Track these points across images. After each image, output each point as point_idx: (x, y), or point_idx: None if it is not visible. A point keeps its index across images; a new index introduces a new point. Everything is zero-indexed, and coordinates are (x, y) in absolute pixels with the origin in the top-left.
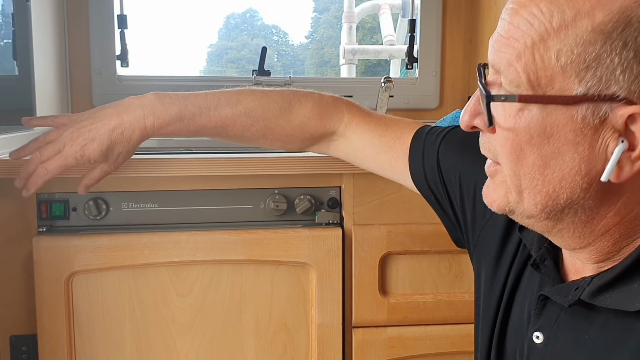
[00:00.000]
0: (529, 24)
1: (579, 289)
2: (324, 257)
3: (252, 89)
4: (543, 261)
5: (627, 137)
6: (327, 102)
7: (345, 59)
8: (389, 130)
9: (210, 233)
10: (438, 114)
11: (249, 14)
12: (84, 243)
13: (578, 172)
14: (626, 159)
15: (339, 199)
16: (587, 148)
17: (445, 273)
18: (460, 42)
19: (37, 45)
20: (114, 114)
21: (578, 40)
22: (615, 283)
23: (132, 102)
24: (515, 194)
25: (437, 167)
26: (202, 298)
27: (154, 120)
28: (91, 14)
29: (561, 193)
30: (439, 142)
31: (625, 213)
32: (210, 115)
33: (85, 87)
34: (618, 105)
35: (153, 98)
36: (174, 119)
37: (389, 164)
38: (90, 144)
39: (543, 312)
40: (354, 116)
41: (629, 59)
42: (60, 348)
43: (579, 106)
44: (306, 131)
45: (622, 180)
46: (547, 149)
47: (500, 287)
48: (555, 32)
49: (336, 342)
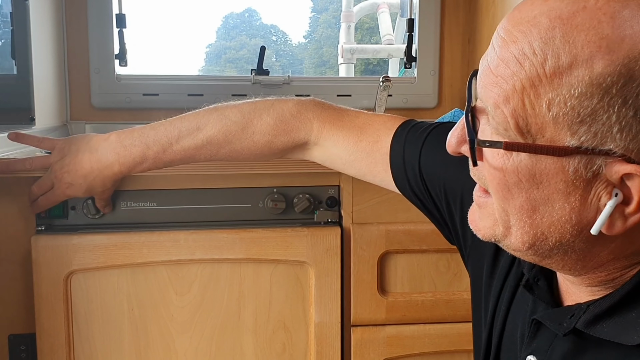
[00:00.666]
0: (519, 64)
1: (574, 316)
2: (322, 255)
3: (211, 108)
4: (536, 282)
5: (622, 190)
6: (290, 112)
7: (344, 58)
8: (364, 134)
9: (209, 232)
10: (436, 113)
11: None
12: (83, 242)
13: (568, 220)
14: (619, 212)
15: (338, 198)
16: (578, 199)
17: (444, 272)
18: (458, 42)
19: (36, 44)
20: (85, 160)
21: (572, 92)
22: (612, 312)
23: (98, 146)
24: (503, 228)
25: (420, 173)
26: (201, 297)
27: (120, 167)
28: (90, 13)
29: (550, 236)
30: (419, 147)
31: (619, 252)
32: (173, 150)
33: (84, 86)
34: (613, 160)
35: (115, 140)
36: (139, 161)
37: (368, 170)
38: (71, 187)
39: (537, 336)
40: (323, 122)
41: (628, 117)
42: (58, 347)
43: (571, 158)
44: (274, 147)
45: (614, 234)
46: (536, 194)
47: (495, 301)
48: (547, 79)
49: (335, 341)
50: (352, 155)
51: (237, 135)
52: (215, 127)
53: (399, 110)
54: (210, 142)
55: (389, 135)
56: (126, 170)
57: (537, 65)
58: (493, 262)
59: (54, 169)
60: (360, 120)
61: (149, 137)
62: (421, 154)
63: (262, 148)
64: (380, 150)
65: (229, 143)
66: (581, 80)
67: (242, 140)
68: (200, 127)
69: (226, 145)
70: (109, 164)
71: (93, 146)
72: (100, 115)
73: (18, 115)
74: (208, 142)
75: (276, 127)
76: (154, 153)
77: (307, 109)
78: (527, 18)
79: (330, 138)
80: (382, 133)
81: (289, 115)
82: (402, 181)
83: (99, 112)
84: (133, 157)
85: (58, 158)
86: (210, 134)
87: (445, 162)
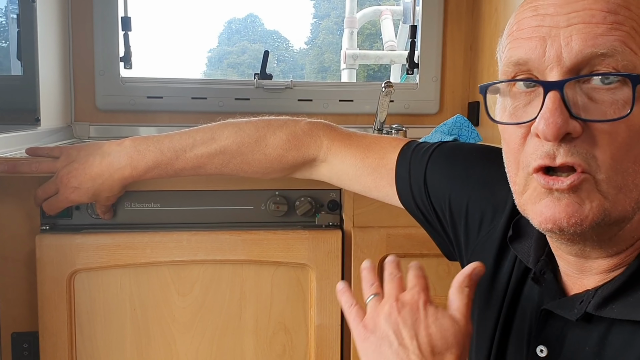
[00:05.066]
0: (627, 9)
1: (584, 302)
2: (323, 258)
3: (226, 122)
4: (542, 274)
5: None
6: (303, 130)
7: (346, 63)
8: (370, 151)
9: (211, 233)
10: (438, 119)
11: (250, 19)
12: (87, 241)
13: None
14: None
15: (339, 202)
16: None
17: (444, 276)
18: (460, 49)
19: (42, 45)
20: (96, 163)
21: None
22: (620, 293)
23: (111, 150)
24: (612, 197)
25: (425, 187)
26: (203, 297)
27: (132, 170)
28: (95, 16)
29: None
30: (425, 161)
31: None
32: (186, 157)
33: (89, 88)
34: None
35: (130, 145)
36: (151, 167)
37: (374, 185)
38: (77, 190)
39: (546, 326)
40: (333, 141)
41: None
42: (61, 345)
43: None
44: (284, 162)
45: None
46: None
47: (499, 304)
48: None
49: (335, 343)
50: (359, 170)
51: (250, 147)
52: (230, 138)
53: (401, 116)
54: (223, 152)
55: (394, 152)
56: (137, 174)
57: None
58: (495, 268)
59: (60, 174)
60: (367, 140)
61: (163, 144)
62: (427, 169)
63: (273, 162)
64: (386, 166)
65: (241, 154)
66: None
67: (254, 152)
68: (215, 138)
69: (238, 156)
70: (120, 167)
71: (105, 150)
72: (104, 117)
73: (23, 115)
74: (221, 151)
75: (288, 142)
76: (167, 159)
77: (318, 128)
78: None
79: (338, 155)
80: (388, 151)
81: (301, 132)
82: (406, 196)
83: (103, 114)
84: (146, 161)
85: (65, 163)
86: (224, 144)
87: (450, 174)
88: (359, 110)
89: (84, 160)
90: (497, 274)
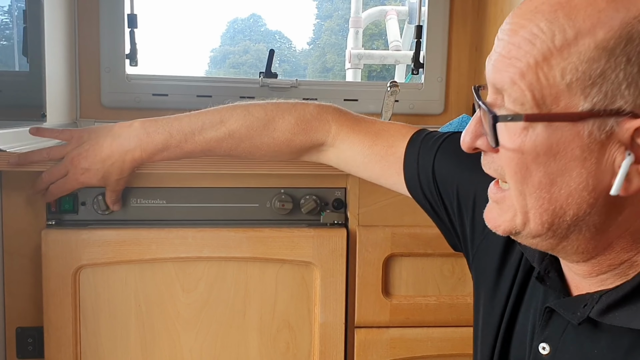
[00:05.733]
0: (530, 43)
1: (587, 306)
2: (328, 257)
3: (235, 105)
4: (547, 273)
5: (633, 150)
6: (311, 114)
7: (351, 63)
8: (380, 139)
9: (216, 230)
10: (443, 119)
11: (252, 19)
12: (92, 237)
13: (585, 187)
14: (634, 172)
15: (344, 200)
16: (594, 163)
17: (448, 276)
18: (466, 49)
19: (49, 42)
20: (106, 145)
21: (582, 58)
22: (625, 301)
23: (121, 132)
24: (522, 215)
25: (433, 176)
26: (207, 294)
27: (141, 152)
28: (102, 13)
29: (568, 210)
30: (434, 151)
31: (626, 226)
32: (195, 140)
33: (94, 85)
34: (624, 119)
35: (139, 127)
36: (160, 149)
37: (382, 173)
38: (87, 172)
39: (549, 324)
40: (341, 126)
41: (634, 73)
42: (65, 340)
43: (585, 122)
44: (292, 146)
45: (630, 193)
46: (553, 166)
47: (504, 299)
48: (558, 51)
49: (338, 342)
50: (367, 157)
51: (259, 130)
52: (239, 121)
53: (406, 116)
54: (231, 136)
55: (403, 140)
56: (147, 156)
57: (547, 40)
58: (501, 262)
59: (71, 156)
60: (376, 127)
61: (172, 126)
62: (435, 158)
63: (281, 145)
64: (394, 154)
65: (250, 138)
66: (587, 47)
67: (262, 136)
68: (223, 121)
69: (247, 139)
70: (130, 148)
71: (116, 132)
72: (109, 114)
73: (30, 111)
74: (230, 135)
75: (296, 126)
76: (176, 142)
77: (327, 112)
78: (529, 9)
79: (346, 140)
80: (397, 139)
81: (310, 116)
82: (414, 184)
83: (108, 111)
84: (155, 143)
85: (76, 145)
86: (233, 127)
87: (459, 165)
88: (364, 109)
89: (94, 142)
90: (503, 269)
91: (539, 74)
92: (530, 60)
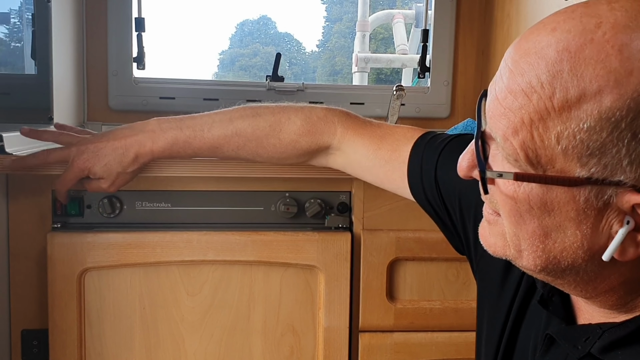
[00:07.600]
0: (527, 97)
1: (589, 340)
2: (332, 260)
3: (245, 107)
4: (551, 297)
5: (633, 218)
6: (317, 116)
7: (358, 66)
8: (384, 142)
9: (221, 233)
10: (449, 123)
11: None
12: (97, 240)
13: (580, 247)
14: (630, 239)
15: (349, 204)
16: (589, 227)
17: (453, 280)
18: (472, 53)
19: (56, 45)
20: (121, 136)
21: (582, 126)
22: (628, 340)
23: (137, 126)
24: (514, 250)
25: (435, 182)
26: (212, 297)
27: (152, 144)
28: (109, 16)
29: (562, 260)
30: (437, 155)
31: (629, 275)
32: (204, 137)
33: (102, 88)
34: (624, 190)
35: (154, 122)
36: (170, 142)
37: (386, 177)
38: (92, 158)
39: (549, 352)
40: (347, 129)
41: (638, 150)
42: (70, 343)
43: (582, 188)
44: (299, 148)
45: (625, 260)
46: (547, 221)
47: (505, 312)
48: (556, 113)
49: (342, 346)
50: (371, 161)
51: (265, 131)
52: (246, 121)
53: (412, 120)
54: (238, 134)
55: (408, 145)
56: (157, 149)
57: (545, 98)
58: (504, 274)
59: (78, 146)
60: (381, 130)
61: (184, 122)
62: (438, 163)
63: (287, 147)
64: (398, 159)
65: (256, 138)
66: (590, 114)
67: (269, 136)
68: (232, 120)
69: (253, 139)
70: (142, 140)
71: (133, 126)
72: (117, 117)
73: (37, 114)
74: (237, 133)
75: (302, 128)
76: (185, 137)
77: (334, 115)
78: (534, 49)
79: (351, 144)
80: (401, 143)
81: (316, 118)
82: (417, 189)
83: (115, 114)
84: (165, 137)
85: (82, 138)
86: (241, 126)
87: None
88: (370, 113)
89: (105, 135)
90: (505, 281)
91: (533, 133)
92: (524, 117)
